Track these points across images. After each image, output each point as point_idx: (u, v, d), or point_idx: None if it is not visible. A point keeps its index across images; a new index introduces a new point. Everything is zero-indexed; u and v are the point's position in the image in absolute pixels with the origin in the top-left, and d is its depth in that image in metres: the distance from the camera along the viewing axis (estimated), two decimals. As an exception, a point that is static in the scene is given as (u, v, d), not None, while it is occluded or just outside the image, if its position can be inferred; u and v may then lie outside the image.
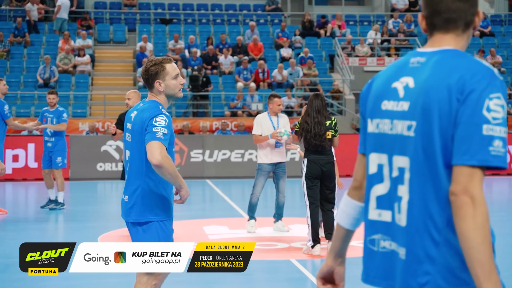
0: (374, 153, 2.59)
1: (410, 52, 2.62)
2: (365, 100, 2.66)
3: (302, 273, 7.78)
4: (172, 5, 26.95)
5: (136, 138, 4.69)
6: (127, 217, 4.78)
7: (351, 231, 2.75)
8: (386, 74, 2.61)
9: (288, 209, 13.16)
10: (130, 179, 4.72)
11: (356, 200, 2.72)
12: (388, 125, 2.54)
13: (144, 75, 4.81)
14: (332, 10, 28.30)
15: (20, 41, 23.74)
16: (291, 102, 21.89)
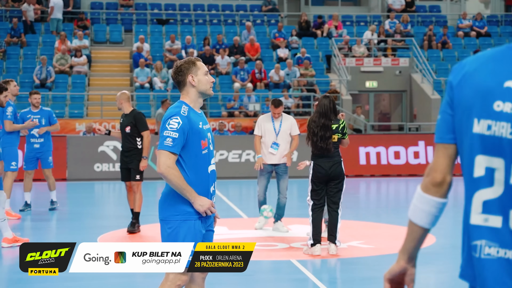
0: (483, 156, 2.45)
1: (504, 46, 2.51)
2: (459, 92, 2.51)
3: (303, 273, 7.77)
4: (169, 6, 26.93)
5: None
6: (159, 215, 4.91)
7: (428, 229, 2.64)
8: (489, 68, 2.46)
9: (287, 210, 13.16)
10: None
11: (438, 197, 2.59)
12: (507, 129, 2.40)
13: (177, 74, 4.79)
14: (329, 10, 28.32)
15: (16, 41, 23.69)
16: (288, 102, 21.88)
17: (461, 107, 2.50)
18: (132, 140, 10.33)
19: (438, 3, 28.95)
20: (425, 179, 2.60)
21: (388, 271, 2.68)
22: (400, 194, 16.12)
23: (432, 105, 23.07)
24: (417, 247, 2.66)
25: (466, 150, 2.50)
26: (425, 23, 27.31)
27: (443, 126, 2.56)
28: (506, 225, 2.41)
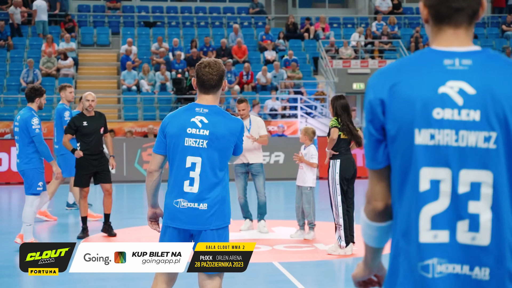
0: (428, 168, 2.32)
1: (426, 50, 2.41)
2: (392, 107, 2.36)
3: (285, 275, 7.79)
4: (156, 8, 26.92)
5: (213, 144, 4.58)
6: (198, 225, 4.59)
7: (383, 247, 2.59)
8: (416, 76, 2.35)
9: (272, 212, 13.18)
10: (210, 185, 4.57)
11: (384, 221, 2.50)
12: (452, 136, 2.30)
13: (220, 75, 4.61)
14: (316, 12, 28.38)
15: (3, 44, 23.63)
16: (275, 104, 21.92)
17: (398, 122, 2.35)
18: (101, 142, 10.20)
19: (425, 5, 29.02)
20: (367, 207, 2.50)
21: (353, 276, 2.67)
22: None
23: (418, 107, 23.12)
24: (378, 261, 2.62)
25: (409, 165, 2.35)
26: (412, 25, 27.40)
27: (372, 150, 2.44)
28: (453, 239, 2.32)
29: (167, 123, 4.61)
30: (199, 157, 4.52)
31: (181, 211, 4.56)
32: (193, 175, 4.52)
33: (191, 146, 4.53)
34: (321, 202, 13.56)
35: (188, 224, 4.57)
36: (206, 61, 4.61)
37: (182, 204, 4.54)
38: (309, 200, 9.81)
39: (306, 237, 9.93)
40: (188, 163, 4.53)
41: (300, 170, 9.94)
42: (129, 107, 21.85)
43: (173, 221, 4.59)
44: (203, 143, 4.52)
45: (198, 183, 4.53)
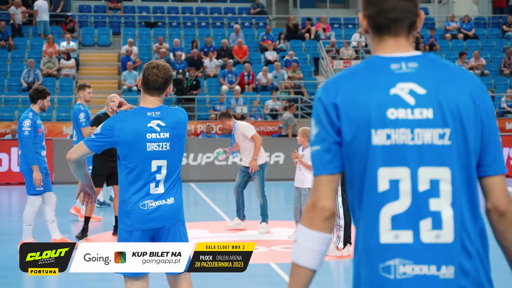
0: (386, 168, 2.32)
1: (372, 58, 2.46)
2: (347, 110, 2.36)
3: (281, 277, 7.81)
4: (157, 9, 26.94)
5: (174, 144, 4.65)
6: (168, 221, 4.62)
7: (316, 271, 2.41)
8: (368, 80, 2.39)
9: (270, 212, 13.19)
10: (174, 183, 4.64)
11: (328, 232, 2.39)
12: (407, 135, 2.33)
13: (165, 79, 4.63)
14: (317, 13, 28.38)
15: (3, 44, 23.67)
16: (275, 105, 21.93)
17: (354, 125, 2.35)
18: None
19: (426, 6, 29.04)
20: (310, 214, 2.37)
21: None
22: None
23: (419, 107, 23.12)
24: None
25: (366, 166, 2.34)
26: (413, 26, 27.35)
27: (325, 156, 2.38)
28: (417, 239, 2.30)
29: (119, 128, 4.54)
30: (165, 159, 4.57)
31: (151, 212, 4.56)
32: (159, 177, 4.56)
33: (154, 150, 4.54)
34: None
35: (161, 222, 4.59)
36: (156, 63, 4.64)
37: (150, 204, 4.55)
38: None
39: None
40: (154, 167, 4.55)
41: (298, 171, 9.94)
42: (130, 107, 21.85)
43: (144, 223, 4.57)
44: (166, 145, 4.57)
45: (163, 184, 4.57)
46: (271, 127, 20.99)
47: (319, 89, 2.47)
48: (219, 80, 23.03)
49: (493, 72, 24.93)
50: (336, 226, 8.82)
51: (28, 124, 9.11)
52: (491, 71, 24.90)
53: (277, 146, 19.12)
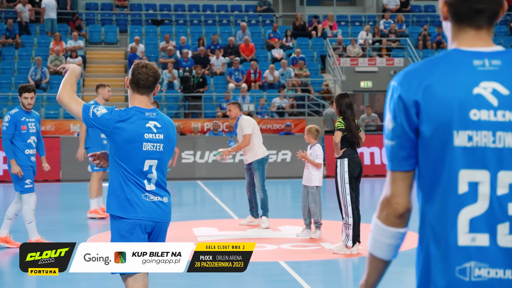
0: (466, 170, 2.30)
1: (453, 51, 2.39)
2: (428, 108, 2.32)
3: (290, 275, 7.79)
4: (164, 6, 26.94)
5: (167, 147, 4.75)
6: (167, 218, 4.70)
7: (391, 261, 2.47)
8: (450, 77, 2.33)
9: (278, 210, 13.19)
10: (163, 183, 4.72)
11: (402, 228, 2.41)
12: (489, 138, 2.29)
13: (155, 77, 4.73)
14: (324, 10, 28.34)
15: (11, 42, 23.70)
16: (282, 103, 21.91)
17: (434, 124, 2.31)
18: None
19: (433, 3, 28.98)
20: (383, 210, 2.41)
21: None
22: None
23: (426, 105, 23.08)
24: (380, 279, 2.52)
25: (443, 167, 2.32)
26: (420, 23, 27.34)
27: (401, 153, 2.37)
28: (494, 243, 2.30)
29: (120, 125, 4.61)
30: (156, 159, 4.66)
31: (153, 204, 4.62)
32: (150, 176, 4.64)
33: (149, 150, 4.64)
34: (327, 201, 13.54)
35: (162, 216, 4.66)
36: (144, 62, 4.76)
37: (151, 198, 4.62)
38: (315, 199, 9.81)
39: (312, 236, 9.92)
40: (146, 166, 4.63)
41: (306, 169, 9.94)
42: (137, 105, 21.87)
43: (149, 214, 4.61)
44: (160, 146, 4.67)
45: (154, 183, 4.65)
46: (278, 125, 20.98)
47: (396, 80, 2.40)
48: (226, 78, 23.02)
49: (501, 69, 24.84)
50: (345, 225, 8.79)
51: (7, 120, 9.18)
52: (499, 68, 24.81)
53: (284, 144, 19.10)
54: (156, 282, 7.60)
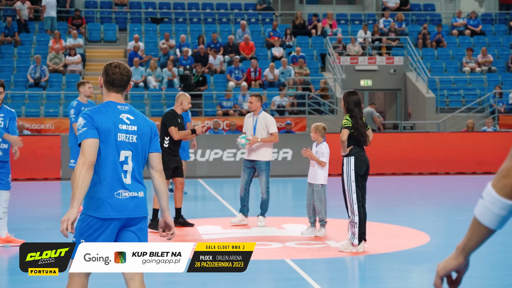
0: None
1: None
2: None
3: (297, 273, 7.76)
4: (163, 4, 26.88)
5: (143, 140, 4.82)
6: (141, 212, 4.76)
7: (495, 231, 2.49)
8: None
9: (281, 209, 13.17)
10: (138, 177, 4.78)
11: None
12: None
13: (129, 76, 4.87)
14: (323, 9, 28.31)
15: (10, 40, 23.63)
16: (283, 101, 21.87)
17: None
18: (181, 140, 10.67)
19: (433, 2, 28.96)
20: (501, 180, 2.40)
21: (443, 267, 2.56)
22: (394, 193, 16.11)
23: (426, 104, 23.09)
24: (479, 247, 2.52)
25: None
26: (419, 22, 27.31)
27: None
28: None
29: (97, 119, 4.69)
30: (130, 151, 4.75)
31: (125, 201, 4.68)
32: (126, 168, 4.72)
33: (123, 141, 4.73)
34: (332, 199, 13.51)
35: (135, 212, 4.73)
36: (116, 62, 4.87)
37: (124, 194, 4.68)
38: (320, 197, 9.77)
39: (317, 234, 9.89)
40: (122, 157, 4.72)
41: (311, 167, 9.90)
42: (137, 103, 21.81)
43: (120, 212, 4.67)
44: (133, 138, 4.77)
45: (130, 174, 4.73)
46: (279, 123, 20.90)
47: None
48: (226, 76, 22.97)
49: (500, 68, 24.86)
50: (350, 223, 8.75)
51: None
52: (499, 67, 24.83)
53: (285, 142, 19.07)
54: (163, 280, 7.56)
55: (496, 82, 23.87)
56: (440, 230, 10.78)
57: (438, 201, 14.36)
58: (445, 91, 23.65)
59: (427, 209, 13.45)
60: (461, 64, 24.73)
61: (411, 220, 11.55)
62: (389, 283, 7.59)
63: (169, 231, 4.89)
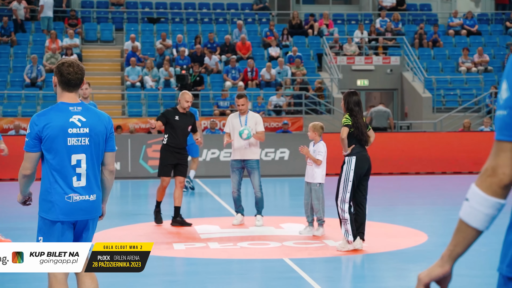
0: None
1: None
2: None
3: (296, 272, 7.76)
4: (160, 4, 26.87)
5: (96, 140, 4.86)
6: (91, 215, 4.86)
7: (482, 232, 2.44)
8: None
9: (278, 208, 13.17)
10: (93, 179, 4.86)
11: (503, 199, 2.38)
12: None
13: (83, 74, 4.88)
14: (319, 9, 28.33)
15: (6, 40, 23.59)
16: (279, 101, 21.87)
17: None
18: (186, 139, 10.80)
19: (429, 2, 29.00)
20: (487, 180, 2.38)
21: (427, 275, 2.48)
22: (392, 192, 16.14)
23: (423, 104, 23.12)
24: (465, 251, 2.47)
25: None
26: (416, 22, 27.34)
27: (508, 121, 2.35)
28: None
29: (42, 126, 4.74)
30: (83, 153, 4.79)
31: (75, 205, 4.77)
32: (79, 171, 4.77)
33: (74, 145, 4.77)
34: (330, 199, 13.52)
35: (84, 215, 4.82)
36: (69, 61, 4.86)
37: (75, 198, 4.77)
38: (318, 196, 9.78)
39: (316, 234, 9.89)
40: (74, 161, 4.77)
41: (309, 166, 9.90)
42: (133, 103, 21.81)
43: (68, 215, 4.77)
44: (85, 140, 4.79)
45: (85, 177, 4.79)
46: (275, 123, 20.95)
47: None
48: (223, 76, 22.96)
49: (497, 68, 24.90)
50: (342, 220, 8.74)
51: None
52: (495, 67, 24.87)
53: (282, 142, 19.08)
54: (162, 280, 7.56)
55: (492, 82, 23.92)
56: (438, 229, 10.81)
57: (435, 201, 14.39)
58: (441, 91, 23.69)
59: (425, 209, 13.47)
60: (458, 64, 24.77)
61: (408, 219, 11.56)
62: (387, 282, 7.60)
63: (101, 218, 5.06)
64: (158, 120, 10.69)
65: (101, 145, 4.85)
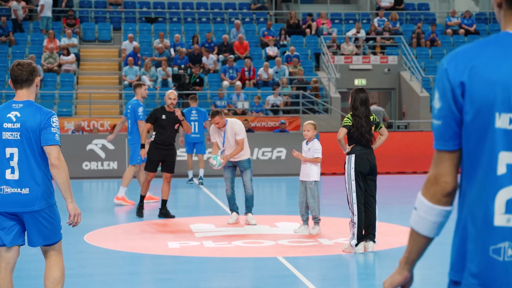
0: (506, 152, 2.31)
1: (502, 34, 2.39)
2: (472, 88, 2.33)
3: (289, 270, 7.78)
4: (157, 4, 26.89)
5: (28, 135, 5.07)
6: (26, 208, 5.04)
7: (433, 238, 2.52)
8: (498, 59, 2.34)
9: (274, 207, 13.18)
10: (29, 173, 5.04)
11: (449, 206, 2.45)
12: None
13: (29, 71, 5.12)
14: (317, 8, 28.35)
15: (4, 40, 23.61)
16: (277, 100, 21.89)
17: (476, 104, 2.33)
18: (174, 136, 11.38)
19: (427, 1, 29.01)
20: (431, 189, 2.44)
21: (390, 283, 2.56)
22: (389, 192, 16.15)
23: (420, 103, 23.13)
24: (420, 257, 2.55)
25: (483, 148, 2.35)
26: (413, 21, 27.36)
27: (447, 132, 2.41)
28: None
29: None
30: (16, 147, 5.05)
31: (6, 197, 5.06)
32: (12, 164, 5.05)
33: (8, 139, 5.07)
34: (324, 197, 13.55)
35: (13, 208, 5.06)
36: (18, 61, 5.23)
37: (6, 190, 5.05)
38: (314, 194, 9.78)
39: (311, 232, 9.89)
40: (7, 154, 5.07)
41: (304, 165, 9.90)
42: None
43: (2, 206, 5.08)
44: (16, 135, 5.07)
45: (17, 170, 5.04)
46: (273, 122, 20.96)
47: (445, 60, 2.42)
48: (220, 76, 22.98)
49: (494, 67, 24.89)
50: (351, 223, 8.65)
51: None
52: (492, 66, 24.86)
53: (279, 141, 19.09)
54: (155, 277, 7.58)
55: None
56: (433, 228, 10.80)
57: (431, 200, 14.38)
58: (439, 90, 23.68)
59: (420, 208, 13.47)
60: (455, 63, 24.76)
61: (404, 218, 11.57)
62: (382, 280, 7.61)
63: (69, 218, 5.24)
64: (147, 122, 11.39)
65: (34, 140, 5.04)
